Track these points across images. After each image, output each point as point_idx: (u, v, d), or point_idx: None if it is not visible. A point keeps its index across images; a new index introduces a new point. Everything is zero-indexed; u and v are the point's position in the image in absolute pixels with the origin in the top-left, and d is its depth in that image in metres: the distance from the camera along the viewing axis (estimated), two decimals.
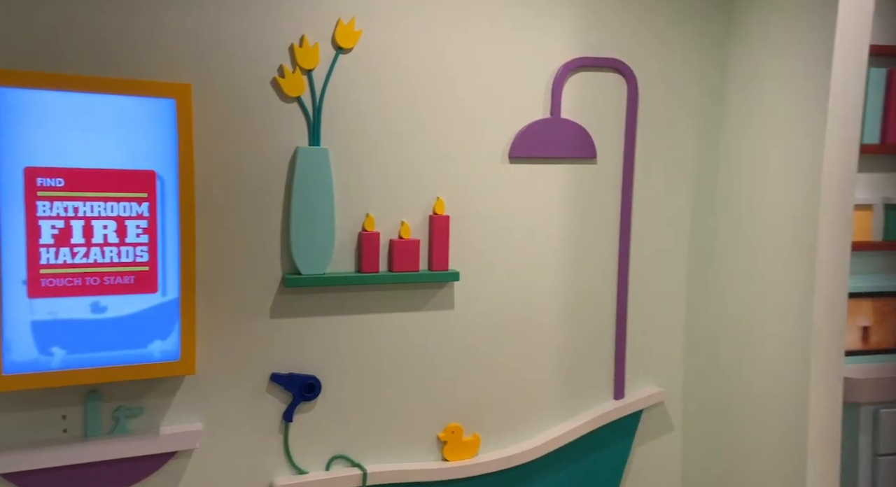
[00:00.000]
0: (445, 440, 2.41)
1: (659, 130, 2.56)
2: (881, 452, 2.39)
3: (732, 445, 2.50)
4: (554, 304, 2.50)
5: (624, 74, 2.51)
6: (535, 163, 2.46)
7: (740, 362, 2.48)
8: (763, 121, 2.42)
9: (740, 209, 2.50)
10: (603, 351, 2.57)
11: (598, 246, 2.54)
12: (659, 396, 2.60)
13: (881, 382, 2.37)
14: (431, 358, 2.41)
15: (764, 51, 2.42)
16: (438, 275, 2.35)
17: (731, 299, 2.53)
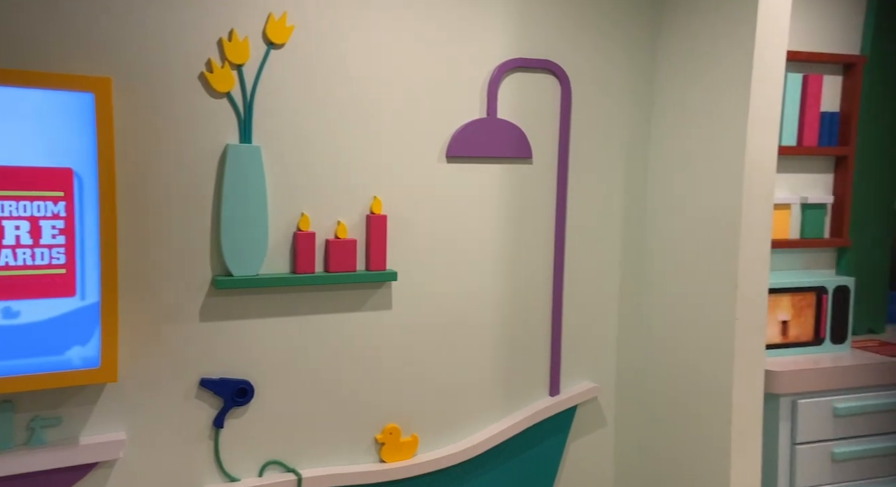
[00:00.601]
0: (383, 441, 2.25)
1: (592, 132, 2.46)
2: (798, 441, 2.38)
3: (662, 436, 2.44)
4: (491, 303, 2.37)
5: (558, 76, 2.40)
6: (472, 163, 2.32)
7: (669, 356, 2.42)
8: (688, 124, 2.36)
9: (668, 209, 2.44)
10: (539, 349, 2.46)
11: (535, 246, 2.42)
12: (593, 392, 2.50)
13: (799, 374, 2.35)
14: (369, 358, 2.24)
15: (688, 57, 2.37)
16: (376, 275, 2.19)
17: (660, 296, 2.47)
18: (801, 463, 2.38)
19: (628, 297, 2.58)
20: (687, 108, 2.40)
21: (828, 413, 2.41)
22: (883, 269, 2.82)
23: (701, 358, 2.31)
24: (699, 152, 2.35)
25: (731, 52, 2.20)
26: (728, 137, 2.22)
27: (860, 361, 2.47)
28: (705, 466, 2.29)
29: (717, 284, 2.25)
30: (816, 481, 2.42)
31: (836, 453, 2.42)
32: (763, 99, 2.15)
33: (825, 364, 2.44)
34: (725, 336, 2.22)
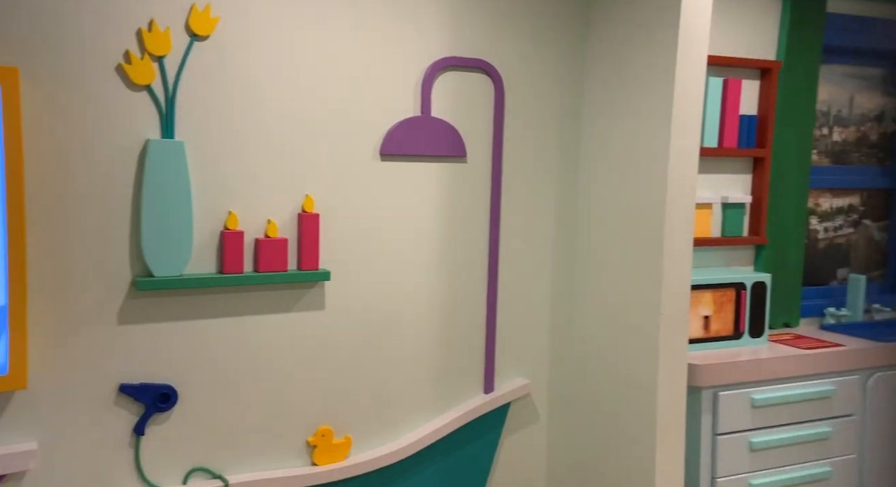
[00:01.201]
0: (315, 444, 2.09)
1: (525, 132, 2.36)
2: (719, 431, 2.35)
3: (591, 430, 2.38)
4: (425, 302, 2.25)
5: (491, 76, 2.28)
6: (406, 161, 2.19)
7: (598, 351, 2.36)
8: (616, 125, 2.31)
9: (598, 209, 2.38)
10: (473, 347, 2.35)
11: (469, 244, 2.31)
12: (526, 388, 2.41)
13: (720, 367, 2.32)
14: (300, 360, 2.09)
15: (615, 61, 2.31)
16: (308, 275, 2.03)
17: (590, 293, 2.41)
18: (721, 453, 2.35)
19: (560, 295, 2.50)
20: (615, 110, 2.33)
21: (746, 404, 2.39)
22: (797, 266, 2.82)
23: (628, 353, 2.26)
24: (626, 153, 2.28)
25: (655, 57, 2.16)
26: (653, 139, 2.17)
27: (776, 354, 2.46)
28: (632, 457, 2.23)
29: (643, 281, 2.19)
30: (735, 470, 2.39)
31: (754, 442, 2.40)
32: (685, 102, 2.12)
33: (744, 357, 2.42)
34: (651, 331, 2.17)
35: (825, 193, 3.03)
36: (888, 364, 2.59)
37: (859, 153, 3.07)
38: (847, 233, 3.07)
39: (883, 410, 2.60)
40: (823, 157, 3.01)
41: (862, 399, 2.57)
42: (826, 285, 3.05)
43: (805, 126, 2.79)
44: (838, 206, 3.05)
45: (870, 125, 3.07)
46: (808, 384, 2.48)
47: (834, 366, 2.50)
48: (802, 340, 2.66)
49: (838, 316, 2.89)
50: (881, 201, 3.13)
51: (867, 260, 3.12)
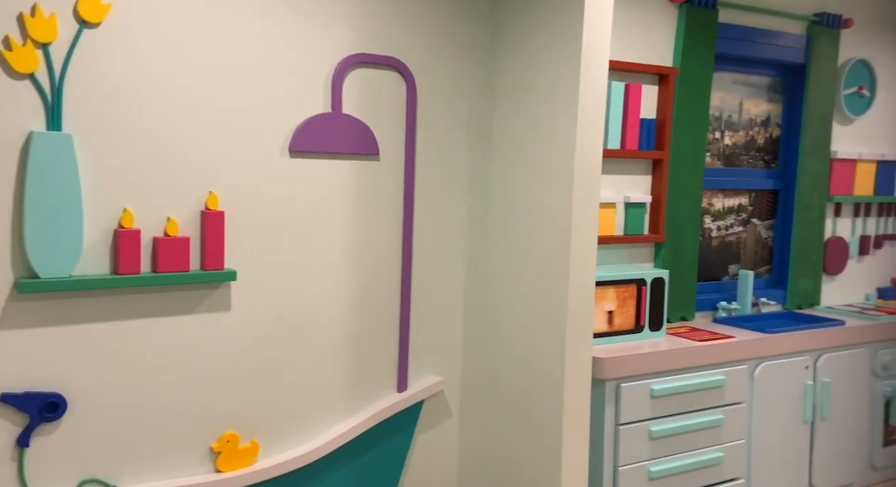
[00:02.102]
0: (219, 450, 2.01)
1: (437, 130, 2.36)
2: (621, 422, 2.43)
3: (502, 424, 2.41)
4: (337, 301, 2.21)
5: (403, 74, 2.26)
6: (317, 159, 2.14)
7: (509, 347, 2.40)
8: (525, 127, 2.35)
9: (508, 208, 2.41)
10: (387, 346, 2.33)
11: (382, 242, 2.28)
12: (439, 385, 2.41)
13: (622, 360, 2.40)
14: (203, 364, 1.99)
15: (522, 63, 2.36)
16: (212, 275, 1.95)
17: (501, 290, 2.44)
18: (623, 442, 2.44)
19: (473, 292, 2.52)
20: (523, 113, 2.37)
21: (646, 394, 2.48)
22: (692, 262, 2.96)
23: (537, 348, 2.30)
24: (534, 154, 2.32)
25: (559, 62, 2.21)
26: (559, 140, 2.22)
27: (674, 346, 2.57)
28: (539, 449, 2.28)
29: (551, 278, 2.24)
30: (636, 458, 2.48)
31: (653, 431, 2.50)
32: (589, 105, 2.18)
33: (644, 350, 2.51)
34: (558, 326, 2.21)
35: (718, 194, 3.20)
36: (773, 353, 2.77)
37: (748, 156, 3.27)
38: (737, 231, 3.26)
39: (768, 397, 2.77)
40: (716, 160, 3.18)
41: (750, 387, 2.74)
42: (719, 280, 3.23)
43: (699, 130, 2.93)
44: (729, 206, 3.23)
45: (757, 130, 3.27)
46: (702, 374, 2.61)
47: (725, 357, 2.65)
48: (697, 333, 2.80)
49: (729, 310, 3.06)
50: (768, 201, 3.34)
51: (755, 256, 3.33)
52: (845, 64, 3.32)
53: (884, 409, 3.09)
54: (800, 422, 2.85)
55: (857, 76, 3.36)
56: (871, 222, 3.53)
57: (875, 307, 3.34)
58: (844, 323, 2.96)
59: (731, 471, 2.69)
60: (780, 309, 3.27)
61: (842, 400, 2.95)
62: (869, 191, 3.47)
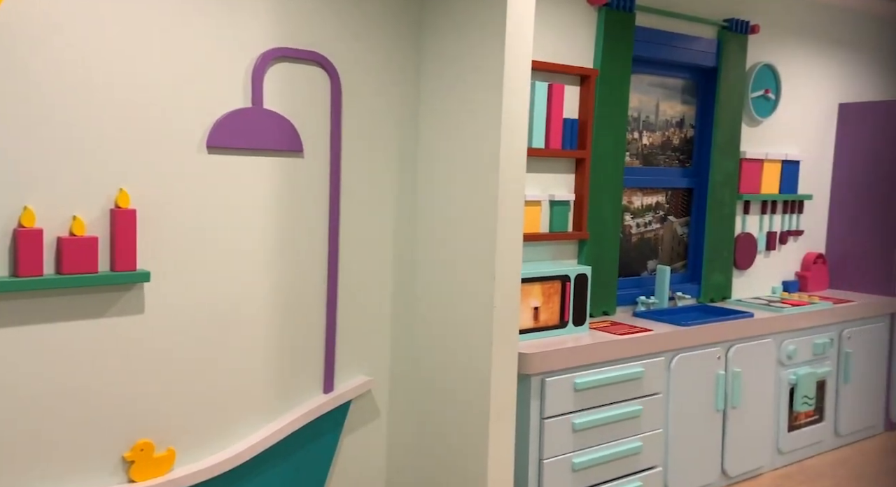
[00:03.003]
0: (132, 459, 1.92)
1: (363, 128, 2.33)
2: (546, 415, 2.47)
3: (430, 421, 2.41)
4: (260, 302, 2.14)
5: (326, 69, 2.21)
6: (237, 155, 2.06)
7: (437, 345, 2.39)
8: (451, 126, 2.35)
9: (436, 205, 2.40)
10: (313, 346, 2.28)
11: (307, 241, 2.24)
12: (367, 385, 2.38)
13: (547, 355, 2.44)
14: (115, 369, 1.90)
15: (448, 63, 2.36)
16: (123, 276, 1.85)
17: (430, 288, 2.43)
18: (547, 435, 2.48)
19: (401, 291, 2.50)
20: (449, 112, 2.37)
21: (569, 388, 2.54)
22: (613, 259, 3.05)
23: (464, 345, 2.31)
24: (461, 153, 2.33)
25: (484, 62, 2.22)
26: (485, 140, 2.23)
27: (596, 340, 2.64)
28: (466, 445, 2.29)
29: (478, 276, 2.25)
30: (560, 450, 2.53)
31: (576, 423, 2.56)
32: (513, 105, 2.20)
33: (568, 344, 2.56)
34: (485, 323, 2.23)
35: (637, 192, 3.30)
36: (688, 345, 2.89)
37: (664, 156, 3.39)
38: (655, 228, 3.38)
39: (683, 387, 2.89)
40: (635, 159, 3.29)
41: (666, 378, 2.85)
42: (638, 276, 3.34)
43: (619, 130, 3.02)
44: (647, 204, 3.35)
45: (673, 130, 3.40)
46: (622, 366, 2.69)
47: (644, 349, 2.74)
48: (618, 327, 2.88)
49: (648, 304, 3.17)
50: (683, 199, 3.48)
51: (672, 252, 3.46)
52: (753, 68, 3.50)
53: (789, 396, 3.28)
54: (712, 411, 2.98)
55: (763, 80, 3.54)
56: (776, 219, 3.74)
57: (780, 299, 3.54)
58: (753, 315, 3.12)
59: (649, 460, 2.78)
60: (695, 302, 3.41)
61: (751, 388, 3.11)
62: (774, 189, 3.68)
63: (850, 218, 3.86)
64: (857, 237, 3.83)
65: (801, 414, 3.33)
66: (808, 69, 3.75)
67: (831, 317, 3.37)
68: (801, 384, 3.28)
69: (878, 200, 3.75)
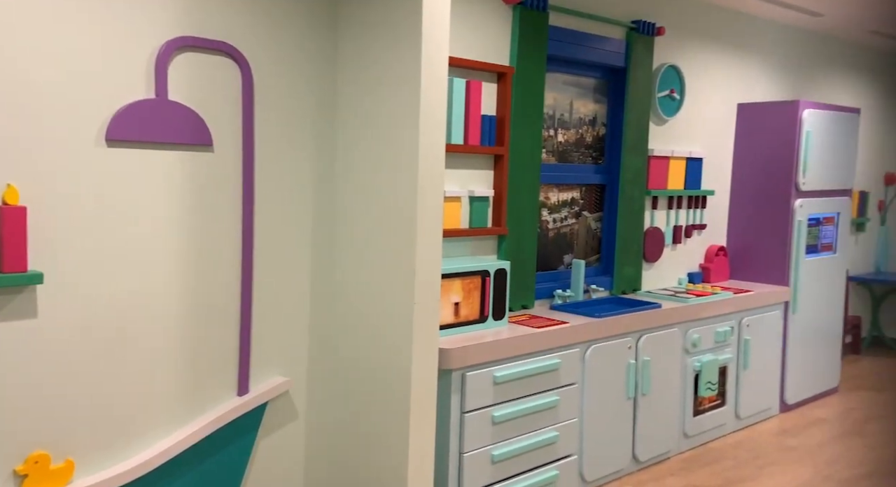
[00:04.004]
0: (26, 473, 1.79)
1: (278, 121, 2.25)
2: (467, 409, 2.47)
3: (350, 420, 2.37)
4: (166, 304, 2.03)
5: (237, 61, 2.12)
6: (140, 148, 1.95)
7: (357, 342, 2.36)
8: (368, 122, 2.31)
9: (355, 202, 2.37)
10: (226, 348, 2.19)
11: (219, 239, 2.14)
12: (284, 386, 2.31)
13: (467, 349, 2.45)
14: (5, 378, 1.75)
15: (364, 58, 2.31)
16: (11, 278, 1.72)
17: (350, 286, 2.39)
18: (468, 429, 2.50)
19: (320, 289, 2.44)
20: (366, 108, 2.34)
21: (489, 381, 2.56)
22: (531, 253, 3.10)
23: (384, 342, 2.29)
24: (379, 149, 2.30)
25: (400, 57, 2.19)
26: (403, 136, 2.21)
27: (515, 333, 2.67)
28: (388, 442, 2.27)
29: (398, 272, 2.23)
30: (480, 443, 2.56)
31: (496, 416, 2.58)
32: (431, 100, 2.18)
33: (488, 338, 2.58)
34: (405, 320, 2.21)
35: (553, 188, 3.37)
36: (602, 336, 2.97)
37: (579, 153, 3.48)
38: (571, 223, 3.46)
39: (597, 377, 2.98)
40: (551, 156, 3.35)
41: (581, 368, 2.92)
42: (555, 270, 3.41)
43: (535, 127, 3.06)
44: (563, 200, 3.42)
45: (586, 128, 3.49)
46: (539, 358, 2.74)
47: (561, 341, 2.80)
48: (536, 320, 2.93)
49: (564, 297, 3.25)
50: (596, 195, 3.58)
51: (586, 246, 3.56)
52: (659, 68, 3.64)
53: (693, 382, 3.45)
54: (624, 398, 3.09)
55: (668, 80, 3.69)
56: (682, 214, 3.91)
57: (686, 290, 3.71)
58: (661, 306, 3.25)
59: (565, 449, 2.85)
60: (608, 294, 3.52)
61: (659, 376, 3.24)
62: (680, 185, 3.85)
63: (748, 212, 4.09)
64: (754, 230, 4.06)
65: (704, 399, 3.51)
66: (710, 70, 3.94)
67: (732, 307, 3.57)
68: (704, 370, 3.45)
69: (772, 196, 4.00)
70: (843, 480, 3.12)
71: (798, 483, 3.08)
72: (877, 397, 4.27)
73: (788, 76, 4.44)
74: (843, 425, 3.81)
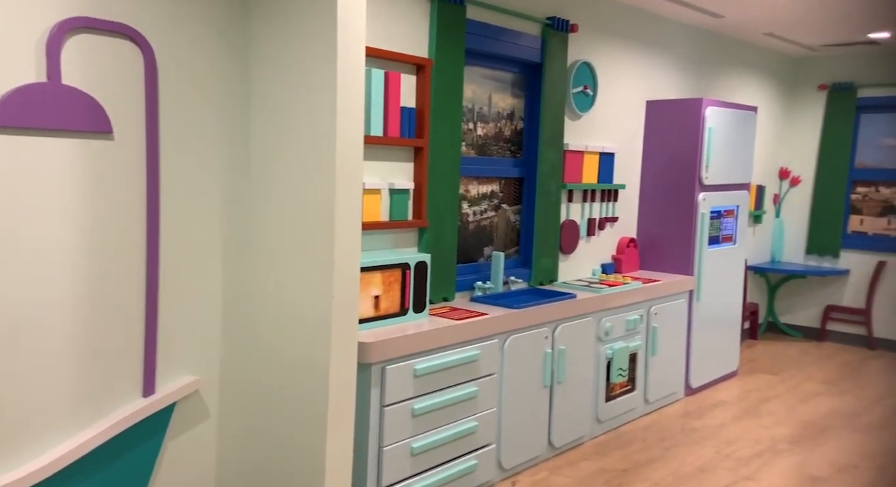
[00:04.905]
0: None
1: (185, 109, 2.14)
2: (386, 403, 2.46)
3: (265, 418, 2.31)
4: (61, 301, 1.90)
5: (139, 44, 1.99)
6: (30, 135, 1.81)
7: (272, 339, 2.28)
8: (284, 113, 2.24)
9: (270, 195, 2.29)
10: (130, 347, 2.07)
11: (120, 231, 2.02)
12: (194, 385, 2.21)
13: (387, 343, 2.43)
14: None
15: (278, 41, 2.23)
16: None
17: (265, 281, 2.31)
18: (388, 423, 2.47)
19: (232, 284, 2.34)
20: (282, 98, 2.26)
21: (409, 374, 2.55)
22: (452, 246, 3.10)
23: (302, 338, 2.22)
24: (295, 141, 2.23)
25: (315, 47, 2.12)
26: (319, 126, 2.15)
27: (435, 326, 2.67)
28: (306, 438, 2.22)
29: (316, 266, 2.17)
30: (400, 436, 2.54)
31: (416, 409, 2.58)
32: (347, 91, 2.12)
33: (408, 331, 2.57)
34: (323, 314, 2.16)
35: (473, 181, 3.39)
36: (520, 327, 3.02)
37: (497, 146, 3.51)
38: (490, 216, 3.49)
39: (515, 366, 3.03)
40: (471, 149, 3.36)
41: (500, 359, 2.96)
42: (476, 262, 3.43)
43: (454, 120, 3.06)
44: (483, 193, 3.44)
45: (504, 122, 3.52)
46: (459, 350, 2.75)
47: (480, 333, 2.82)
48: (456, 312, 2.94)
49: (484, 289, 3.27)
50: (515, 188, 3.63)
51: (506, 239, 3.60)
52: (573, 65, 3.72)
53: (606, 369, 3.57)
54: (540, 387, 3.16)
55: (582, 76, 3.78)
56: (595, 207, 4.03)
57: (599, 281, 3.83)
58: (576, 296, 3.34)
59: (484, 438, 2.89)
60: (527, 286, 3.58)
61: (574, 364, 3.33)
62: (593, 179, 3.96)
63: (656, 205, 4.26)
64: (661, 223, 4.24)
65: (616, 385, 3.64)
66: (621, 68, 4.07)
67: (641, 296, 3.71)
68: (616, 357, 3.57)
69: (678, 190, 4.18)
70: (741, 458, 3.32)
71: (700, 463, 3.25)
72: (772, 379, 4.57)
73: (693, 75, 4.65)
74: (742, 406, 4.05)
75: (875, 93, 5.34)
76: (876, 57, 5.31)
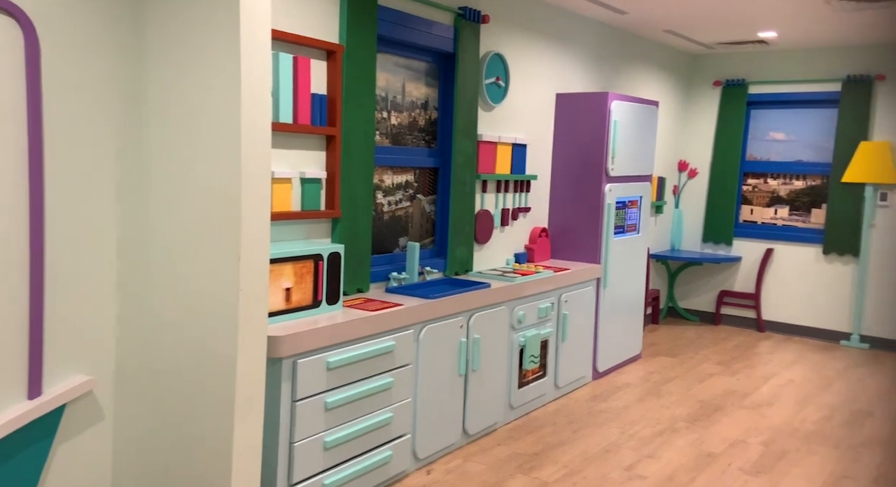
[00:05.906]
0: None
1: (73, 93, 1.98)
2: (298, 398, 2.40)
3: (167, 416, 2.19)
4: None
5: (18, 20, 1.82)
6: None
7: (174, 334, 2.16)
8: (184, 99, 2.12)
9: (170, 185, 2.16)
10: (12, 346, 1.90)
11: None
12: (86, 385, 2.06)
13: (298, 336, 2.36)
14: None
15: (177, 21, 2.09)
16: None
17: (165, 273, 2.18)
18: (299, 417, 2.41)
19: (129, 278, 2.20)
20: (181, 84, 2.12)
21: (322, 368, 2.49)
22: (366, 236, 3.05)
23: (206, 333, 2.12)
24: (198, 127, 2.11)
25: (217, 27, 2.02)
26: (223, 112, 2.04)
27: (349, 318, 2.62)
28: (210, 436, 2.12)
29: (221, 258, 2.07)
30: (312, 431, 2.49)
31: (329, 402, 2.52)
32: (252, 76, 2.03)
33: (322, 324, 2.51)
34: (230, 308, 2.07)
35: (387, 171, 3.34)
36: (435, 317, 3.02)
37: (412, 136, 3.48)
38: (405, 206, 3.46)
39: (430, 356, 3.03)
40: (385, 138, 3.32)
41: (416, 349, 2.95)
42: (391, 253, 3.39)
43: (367, 108, 3.00)
44: (398, 182, 3.41)
45: (418, 111, 3.50)
46: (374, 342, 2.71)
47: (395, 324, 2.80)
48: (371, 303, 2.90)
49: (399, 280, 3.25)
50: (430, 178, 3.61)
51: (421, 229, 3.58)
52: (485, 56, 3.74)
53: (519, 356, 3.64)
54: (456, 376, 3.17)
55: (494, 68, 3.81)
56: (509, 197, 4.09)
57: (513, 270, 3.89)
58: (490, 286, 3.37)
59: (399, 429, 2.87)
60: (442, 276, 3.58)
61: (488, 352, 3.37)
62: (507, 169, 4.01)
63: (565, 196, 4.37)
64: (570, 213, 4.36)
65: (528, 372, 3.72)
66: (532, 60, 4.13)
67: (552, 284, 3.80)
68: (528, 345, 3.65)
69: (586, 181, 4.31)
70: (643, 438, 3.47)
71: (606, 443, 3.38)
72: (672, 361, 4.82)
73: (599, 69, 4.79)
74: (644, 388, 4.24)
75: (764, 89, 5.71)
76: (765, 55, 5.68)
